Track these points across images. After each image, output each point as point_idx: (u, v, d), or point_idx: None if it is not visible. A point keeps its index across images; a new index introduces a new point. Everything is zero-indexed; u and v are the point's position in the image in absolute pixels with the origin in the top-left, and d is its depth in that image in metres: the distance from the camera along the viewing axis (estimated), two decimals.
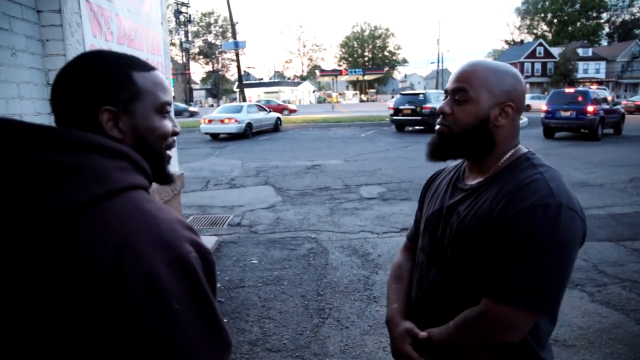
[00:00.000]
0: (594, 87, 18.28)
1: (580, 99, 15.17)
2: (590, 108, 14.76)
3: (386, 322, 1.36)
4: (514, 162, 1.18)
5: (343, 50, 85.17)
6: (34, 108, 2.35)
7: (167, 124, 0.93)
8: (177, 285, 0.74)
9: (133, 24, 3.04)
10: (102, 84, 0.84)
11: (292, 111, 34.53)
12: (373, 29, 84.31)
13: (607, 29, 78.39)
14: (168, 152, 0.96)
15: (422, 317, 1.27)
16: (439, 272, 1.24)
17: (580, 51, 60.13)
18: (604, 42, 76.12)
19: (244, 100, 34.10)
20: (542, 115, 15.98)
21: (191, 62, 60.82)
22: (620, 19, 77.42)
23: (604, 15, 76.95)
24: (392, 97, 42.89)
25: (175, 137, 0.97)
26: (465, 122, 1.17)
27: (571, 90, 16.48)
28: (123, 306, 0.72)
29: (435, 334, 1.18)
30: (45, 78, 2.41)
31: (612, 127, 16.61)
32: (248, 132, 18.57)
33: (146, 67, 0.91)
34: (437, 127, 1.23)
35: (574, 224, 1.05)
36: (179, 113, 29.19)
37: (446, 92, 1.22)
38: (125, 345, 0.74)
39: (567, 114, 15.23)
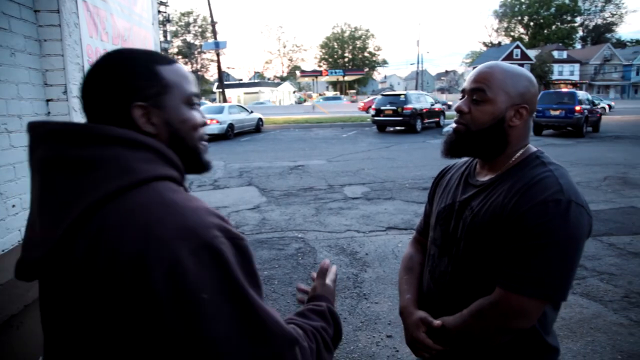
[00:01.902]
0: (566, 89, 19.37)
1: (568, 99, 16.58)
2: (578, 108, 16.22)
3: (400, 312, 1.41)
4: (525, 160, 1.24)
5: (323, 51, 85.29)
6: (32, 109, 2.35)
7: (197, 115, 0.93)
8: (205, 274, 0.72)
9: (126, 24, 3.06)
10: (131, 80, 0.85)
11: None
12: (353, 30, 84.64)
13: (580, 33, 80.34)
14: (202, 142, 0.96)
15: (434, 306, 1.33)
16: (451, 264, 1.30)
17: (555, 54, 61.48)
18: (578, 45, 77.97)
19: (225, 101, 33.88)
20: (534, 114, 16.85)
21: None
22: (593, 23, 79.45)
23: (578, 19, 78.96)
24: (368, 98, 43.03)
25: (205, 128, 0.97)
26: (482, 122, 1.22)
27: (560, 91, 18.17)
28: (147, 299, 0.71)
29: (450, 322, 1.24)
30: (42, 78, 2.42)
31: (592, 126, 18.09)
32: (230, 133, 18.48)
33: (169, 61, 0.92)
34: (454, 125, 1.28)
35: (582, 218, 1.11)
36: None
37: (463, 91, 1.27)
38: (152, 339, 0.73)
39: (557, 112, 16.64)
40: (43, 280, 0.84)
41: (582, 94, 17.58)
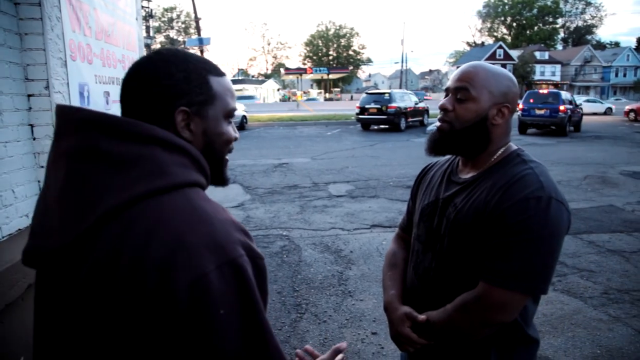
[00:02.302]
0: (547, 90, 19.76)
1: (552, 99, 17.18)
2: (562, 107, 16.82)
3: (384, 308, 1.42)
4: (506, 158, 1.27)
5: (308, 48, 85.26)
6: (12, 104, 2.29)
7: (232, 130, 0.95)
8: (226, 291, 0.72)
9: (110, 19, 3.02)
10: (182, 83, 0.84)
11: None
12: (338, 28, 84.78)
13: (562, 34, 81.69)
14: (227, 157, 0.97)
15: (418, 301, 1.35)
16: (435, 259, 1.32)
17: (537, 54, 62.30)
18: (559, 47, 79.22)
19: None
20: (519, 113, 17.74)
21: None
22: (574, 25, 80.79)
23: (559, 21, 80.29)
24: (351, 98, 43.39)
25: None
26: (466, 119, 1.24)
27: (545, 91, 18.64)
28: (167, 306, 0.70)
29: (434, 316, 1.26)
30: (23, 73, 2.36)
31: (574, 125, 18.69)
32: None
33: (219, 72, 0.92)
34: (438, 123, 1.30)
35: (562, 214, 1.14)
36: None
37: (447, 90, 1.30)
38: (160, 345, 0.72)
39: (542, 112, 17.23)
40: (48, 272, 0.82)
41: (565, 95, 18.13)
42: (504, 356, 1.25)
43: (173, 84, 0.84)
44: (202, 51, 35.55)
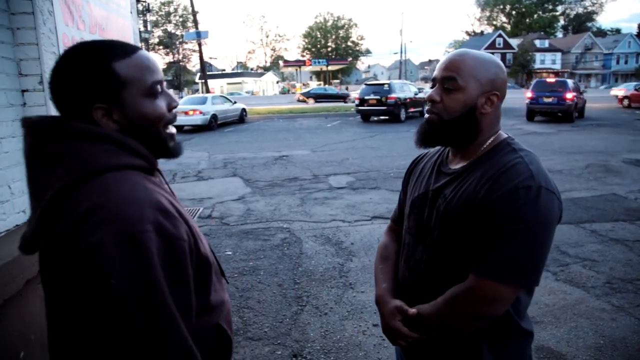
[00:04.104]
0: (551, 79, 19.91)
1: (560, 87, 17.74)
2: (569, 95, 17.33)
3: (376, 301, 1.41)
4: (496, 147, 1.24)
5: (306, 40, 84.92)
6: (6, 99, 2.26)
7: (160, 105, 0.95)
8: (120, 263, 0.77)
9: (104, 12, 2.98)
10: (88, 83, 0.88)
11: None
12: (336, 19, 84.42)
13: (562, 22, 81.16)
14: (169, 129, 0.99)
15: (409, 294, 1.33)
16: (426, 252, 1.30)
17: (537, 42, 61.97)
18: (560, 34, 78.73)
19: (207, 91, 33.48)
20: (527, 101, 18.50)
21: (151, 53, 59.21)
22: (574, 12, 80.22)
23: (559, 8, 79.72)
24: (346, 89, 43.42)
25: (175, 111, 1.00)
26: (455, 110, 1.21)
27: (552, 80, 19.37)
28: (73, 274, 0.80)
29: (425, 310, 1.24)
30: (16, 68, 2.33)
31: (578, 112, 19.22)
32: (213, 124, 18.30)
33: (127, 52, 0.92)
34: (427, 115, 1.28)
35: (552, 203, 1.13)
36: None
37: (434, 80, 1.26)
38: (79, 309, 0.81)
39: (550, 100, 17.75)
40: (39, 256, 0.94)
41: (571, 83, 18.54)
42: (495, 349, 1.23)
43: (79, 85, 0.89)
44: (200, 44, 35.39)
